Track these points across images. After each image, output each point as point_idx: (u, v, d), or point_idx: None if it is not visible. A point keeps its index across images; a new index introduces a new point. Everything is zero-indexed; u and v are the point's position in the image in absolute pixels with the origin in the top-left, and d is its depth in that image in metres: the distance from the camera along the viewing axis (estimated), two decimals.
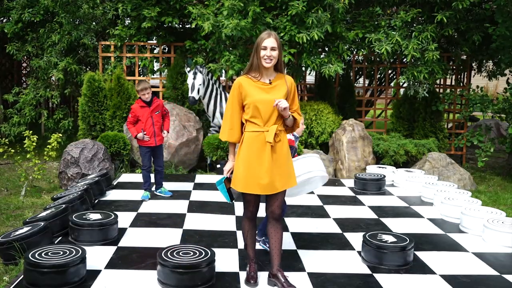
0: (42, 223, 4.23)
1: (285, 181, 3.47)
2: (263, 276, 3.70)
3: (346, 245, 4.53)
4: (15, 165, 7.33)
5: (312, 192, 6.44)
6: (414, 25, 7.85)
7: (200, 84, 7.27)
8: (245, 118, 3.46)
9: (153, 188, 6.09)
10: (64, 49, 8.57)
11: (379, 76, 10.41)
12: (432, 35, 7.35)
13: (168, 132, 5.93)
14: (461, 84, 9.83)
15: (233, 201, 3.58)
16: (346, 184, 7.00)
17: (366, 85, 10.31)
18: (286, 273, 3.63)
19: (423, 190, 6.36)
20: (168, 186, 6.33)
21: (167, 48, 9.45)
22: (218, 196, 6.07)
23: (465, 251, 4.49)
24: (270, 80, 3.45)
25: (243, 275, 3.75)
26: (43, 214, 4.61)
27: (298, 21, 7.22)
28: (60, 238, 4.47)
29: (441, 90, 9.19)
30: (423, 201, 6.22)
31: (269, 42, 3.34)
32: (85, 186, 5.42)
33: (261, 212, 3.66)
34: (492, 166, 8.99)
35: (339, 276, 3.84)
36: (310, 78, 12.22)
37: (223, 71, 7.66)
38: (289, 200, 5.87)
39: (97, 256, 4.06)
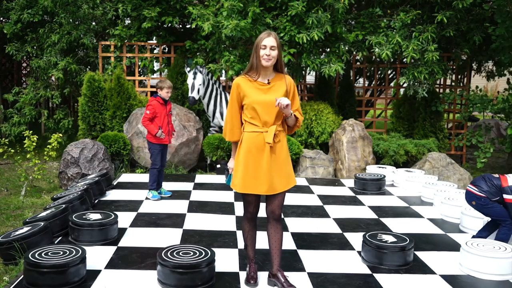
0: (42, 223, 4.23)
1: (285, 182, 3.45)
2: (263, 276, 3.70)
3: (346, 245, 4.53)
4: (15, 165, 7.33)
5: (312, 192, 6.45)
6: (415, 25, 7.84)
7: (200, 84, 7.28)
8: (244, 119, 3.46)
9: None
10: (64, 49, 8.57)
11: (379, 76, 10.40)
12: (432, 36, 7.35)
13: (175, 132, 6.00)
14: (461, 84, 9.83)
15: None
16: (346, 184, 7.00)
17: (366, 85, 10.31)
18: (286, 273, 3.63)
19: (423, 190, 6.36)
20: (168, 186, 6.33)
21: (167, 48, 9.45)
22: (218, 196, 6.08)
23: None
24: (268, 80, 3.44)
25: (243, 275, 3.75)
26: (43, 214, 4.61)
27: (298, 21, 7.22)
28: (60, 238, 4.47)
29: (441, 90, 9.18)
30: (423, 201, 6.22)
31: (268, 41, 3.33)
32: (85, 186, 5.42)
33: (262, 212, 3.65)
34: (492, 166, 8.99)
35: (339, 276, 3.84)
36: (310, 78, 12.21)
37: (223, 71, 7.66)
38: (289, 200, 5.89)
39: (97, 256, 4.06)
